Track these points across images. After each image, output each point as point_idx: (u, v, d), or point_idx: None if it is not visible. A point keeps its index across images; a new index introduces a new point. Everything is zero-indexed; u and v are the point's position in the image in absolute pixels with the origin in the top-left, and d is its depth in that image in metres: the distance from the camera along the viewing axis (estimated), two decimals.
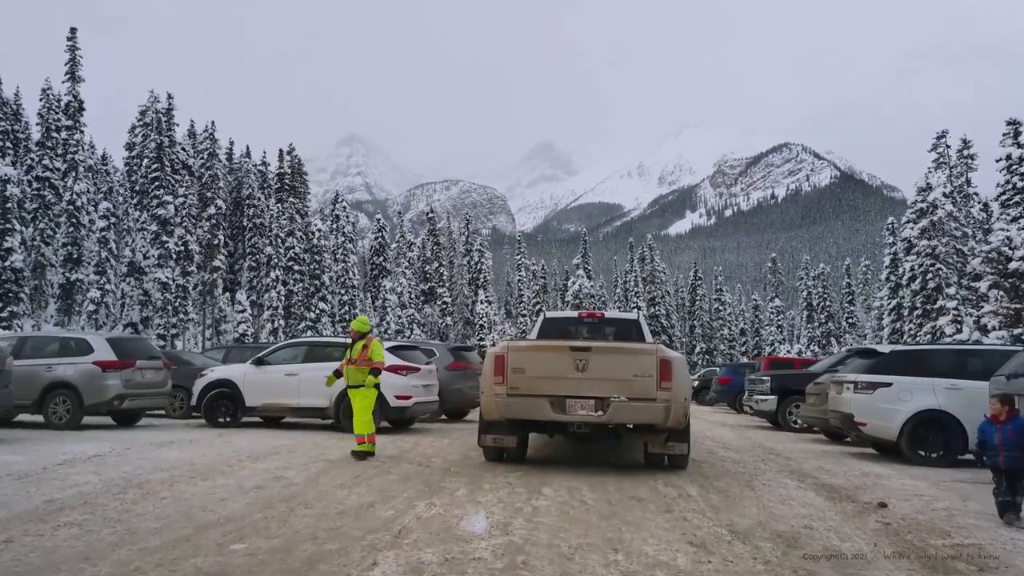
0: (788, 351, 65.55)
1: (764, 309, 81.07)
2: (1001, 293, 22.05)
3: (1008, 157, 25.94)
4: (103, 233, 42.99)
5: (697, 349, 75.80)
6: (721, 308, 77.67)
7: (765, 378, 13.93)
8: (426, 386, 11.15)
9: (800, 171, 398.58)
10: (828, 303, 71.57)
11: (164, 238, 44.73)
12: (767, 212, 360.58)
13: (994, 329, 23.50)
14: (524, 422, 7.78)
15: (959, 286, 34.36)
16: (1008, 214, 25.64)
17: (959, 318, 28.55)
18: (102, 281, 42.55)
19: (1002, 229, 23.20)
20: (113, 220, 45.30)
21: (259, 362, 11.26)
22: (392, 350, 10.88)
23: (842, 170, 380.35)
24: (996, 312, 22.07)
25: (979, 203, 39.18)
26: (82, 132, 45.31)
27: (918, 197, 35.50)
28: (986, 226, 40.42)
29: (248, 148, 56.95)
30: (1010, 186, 25.84)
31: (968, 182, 39.52)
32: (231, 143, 56.36)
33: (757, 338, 79.11)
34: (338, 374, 8.96)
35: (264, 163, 57.23)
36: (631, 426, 7.78)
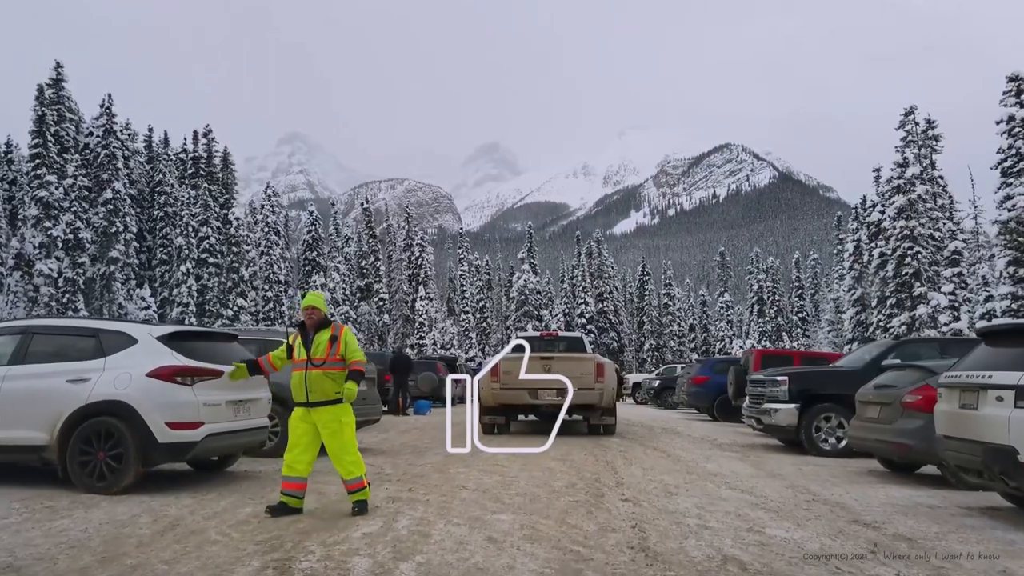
0: (741, 346, 63.18)
1: (712, 305, 79.00)
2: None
3: (1010, 119, 22.63)
4: None
5: (646, 346, 72.91)
6: (670, 303, 74.93)
7: (780, 379, 9.66)
8: (238, 403, 6.45)
9: (740, 171, 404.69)
10: (777, 297, 69.77)
11: (47, 224, 39.18)
12: (709, 211, 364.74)
13: (1001, 315, 20.13)
14: (511, 406, 11.60)
15: (936, 269, 31.46)
16: (1008, 182, 22.30)
17: (956, 303, 25.18)
18: None
19: (1018, 195, 19.58)
20: None
21: None
22: (169, 340, 6.15)
23: (780, 171, 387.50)
24: (1015, 295, 18.43)
25: (941, 186, 36.63)
26: None
27: (893, 174, 32.37)
28: (957, 210, 37.87)
29: (166, 134, 51.43)
30: (1013, 151, 22.50)
31: (933, 164, 36.69)
32: (150, 130, 50.68)
33: (706, 334, 76.94)
34: (254, 369, 5.85)
35: (184, 150, 51.63)
36: (578, 407, 11.43)
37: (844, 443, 9.41)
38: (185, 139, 51.40)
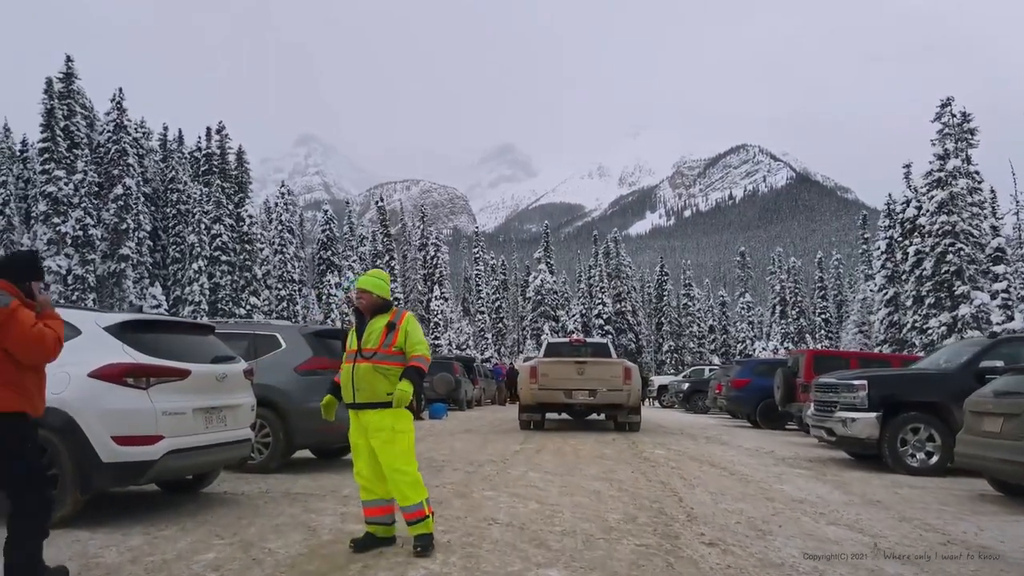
0: (763, 347, 61.59)
1: (732, 306, 77.28)
2: None
3: None
4: None
5: (665, 347, 71.35)
6: (690, 304, 73.28)
7: (857, 383, 8.26)
8: (211, 411, 5.20)
9: (757, 172, 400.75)
10: (799, 298, 68.10)
11: (56, 220, 38.63)
12: (725, 212, 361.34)
13: None
14: (547, 404, 13.05)
15: (976, 267, 29.88)
16: None
17: (1009, 302, 23.56)
18: None
19: None
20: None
21: None
22: (120, 330, 4.85)
23: (798, 171, 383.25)
24: None
25: (978, 181, 34.99)
26: None
27: (932, 167, 30.76)
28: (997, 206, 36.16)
29: (180, 131, 50.86)
30: None
31: (968, 159, 34.99)
32: (164, 128, 50.14)
33: (725, 335, 75.30)
34: (336, 393, 4.32)
35: (198, 148, 50.98)
36: (607, 407, 13.14)
37: (935, 459, 8.02)
38: (200, 137, 50.67)
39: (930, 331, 31.88)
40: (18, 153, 48.04)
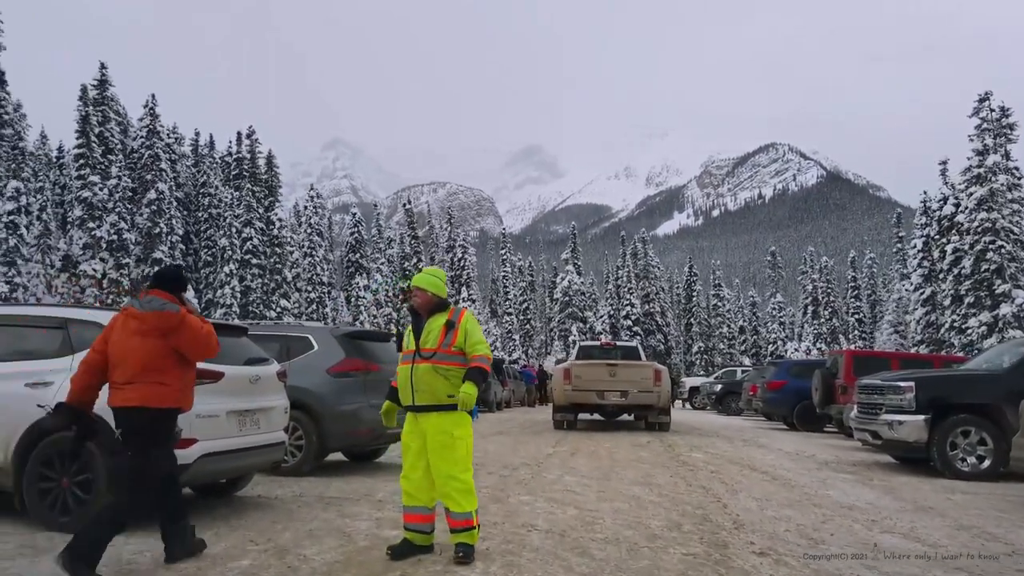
0: (796, 348, 60.66)
1: (762, 306, 76.27)
2: None
3: None
4: (11, 217, 37.04)
5: (695, 348, 70.63)
6: (720, 305, 72.43)
7: (904, 385, 7.96)
8: (244, 413, 5.14)
9: (787, 171, 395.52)
10: (832, 299, 66.98)
11: (91, 225, 39.34)
12: (755, 212, 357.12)
13: None
14: (580, 405, 13.54)
15: (1017, 265, 29.11)
16: None
17: None
18: (11, 273, 36.77)
19: None
20: (33, 204, 40.15)
21: None
22: None
23: (828, 170, 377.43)
24: None
25: (1018, 177, 34.05)
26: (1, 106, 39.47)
27: (971, 163, 30.03)
28: None
29: (212, 136, 51.64)
30: None
31: (1007, 155, 34.06)
32: (196, 133, 50.94)
33: (755, 336, 74.33)
34: (395, 398, 4.22)
35: (229, 152, 51.71)
36: (638, 407, 13.52)
37: (987, 463, 7.71)
38: (230, 142, 51.31)
39: (969, 331, 31.12)
40: (54, 159, 49.27)
